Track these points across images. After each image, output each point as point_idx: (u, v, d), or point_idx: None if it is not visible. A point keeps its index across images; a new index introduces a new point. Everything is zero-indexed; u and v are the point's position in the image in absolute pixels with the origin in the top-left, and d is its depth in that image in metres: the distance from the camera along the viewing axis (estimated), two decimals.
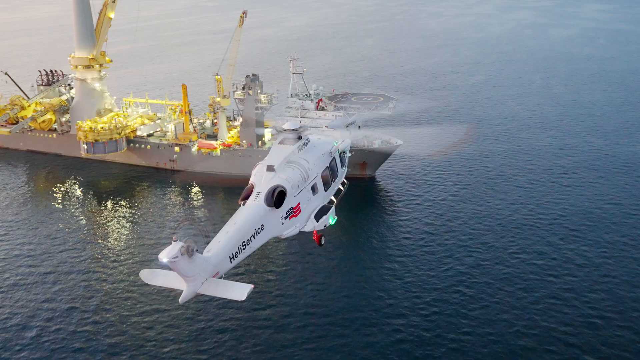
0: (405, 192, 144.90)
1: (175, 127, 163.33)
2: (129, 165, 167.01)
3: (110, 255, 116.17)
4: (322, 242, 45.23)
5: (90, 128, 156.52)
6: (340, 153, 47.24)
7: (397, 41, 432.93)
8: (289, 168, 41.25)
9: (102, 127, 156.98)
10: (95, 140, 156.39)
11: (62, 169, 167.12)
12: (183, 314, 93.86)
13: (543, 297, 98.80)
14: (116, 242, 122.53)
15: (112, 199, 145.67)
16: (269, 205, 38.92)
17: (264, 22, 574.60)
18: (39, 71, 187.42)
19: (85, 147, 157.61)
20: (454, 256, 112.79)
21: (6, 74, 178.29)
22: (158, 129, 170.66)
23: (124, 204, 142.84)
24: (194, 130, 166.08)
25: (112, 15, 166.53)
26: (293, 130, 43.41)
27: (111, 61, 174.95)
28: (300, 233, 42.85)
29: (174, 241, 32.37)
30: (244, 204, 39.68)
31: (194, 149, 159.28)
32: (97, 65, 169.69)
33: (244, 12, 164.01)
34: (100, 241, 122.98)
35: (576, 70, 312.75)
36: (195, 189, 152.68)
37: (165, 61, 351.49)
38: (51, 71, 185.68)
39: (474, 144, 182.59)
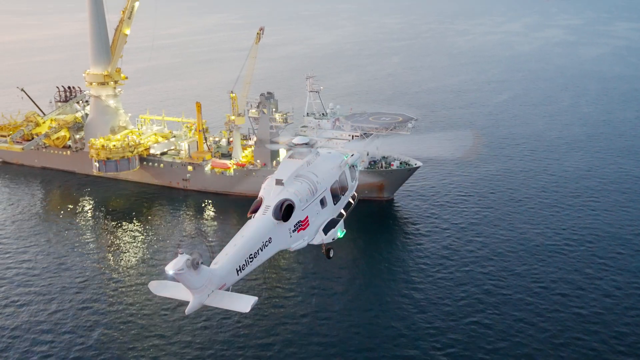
0: (425, 215, 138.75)
1: (188, 146, 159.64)
2: (141, 184, 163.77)
3: (120, 274, 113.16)
4: (331, 255, 45.30)
5: (102, 146, 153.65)
6: (351, 167, 47.74)
7: (423, 59, 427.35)
8: (297, 182, 41.97)
9: (114, 145, 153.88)
10: (107, 159, 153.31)
11: (74, 186, 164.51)
12: (192, 342, 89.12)
13: (567, 331, 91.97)
14: (125, 263, 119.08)
15: (122, 219, 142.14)
16: (277, 218, 39.55)
17: (289, 40, 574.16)
18: (57, 87, 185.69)
19: (97, 165, 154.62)
20: (474, 284, 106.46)
21: (22, 90, 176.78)
22: (172, 147, 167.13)
23: (135, 223, 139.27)
24: (208, 149, 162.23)
25: (127, 31, 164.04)
26: (302, 144, 44.61)
27: (126, 78, 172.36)
28: (309, 246, 43.24)
29: (180, 254, 33.09)
30: (252, 217, 40.48)
31: (207, 168, 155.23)
32: (112, 82, 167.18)
33: (260, 29, 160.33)
34: (109, 261, 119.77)
35: (606, 89, 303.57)
36: (208, 209, 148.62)
37: (187, 78, 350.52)
38: (69, 87, 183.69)
39: (498, 164, 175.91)
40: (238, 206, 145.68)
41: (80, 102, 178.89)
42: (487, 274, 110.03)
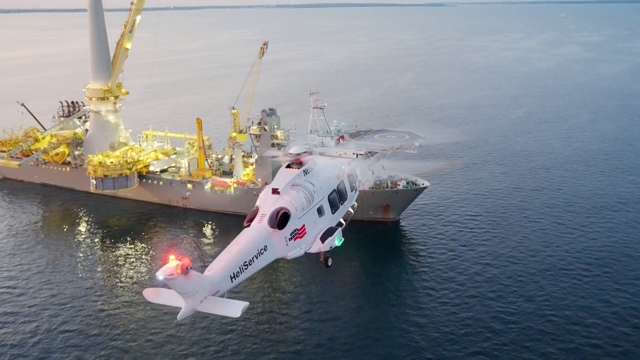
0: (432, 238, 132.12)
1: (188, 163, 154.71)
2: (141, 202, 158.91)
3: (115, 295, 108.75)
4: (329, 264, 45.36)
5: (100, 162, 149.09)
6: (350, 177, 48.05)
7: (437, 75, 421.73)
8: (293, 191, 42.32)
9: (111, 162, 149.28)
10: (105, 176, 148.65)
11: (73, 204, 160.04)
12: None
13: None
14: (121, 284, 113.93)
15: (120, 238, 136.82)
16: (272, 226, 40.01)
17: (303, 55, 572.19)
18: (60, 102, 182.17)
19: (94, 182, 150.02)
20: (482, 310, 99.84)
21: (22, 104, 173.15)
22: (173, 165, 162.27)
23: (132, 243, 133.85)
24: (210, 166, 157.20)
25: (128, 45, 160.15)
26: (300, 154, 45.05)
27: (127, 93, 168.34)
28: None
29: (171, 259, 33.50)
30: (248, 226, 40.92)
31: (207, 186, 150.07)
32: (112, 97, 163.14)
33: (264, 43, 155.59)
34: (105, 282, 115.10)
35: (625, 106, 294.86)
36: (208, 229, 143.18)
37: (197, 93, 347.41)
38: (72, 102, 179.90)
39: (510, 182, 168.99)
40: (239, 226, 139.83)
41: (81, 117, 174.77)
42: (496, 300, 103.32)
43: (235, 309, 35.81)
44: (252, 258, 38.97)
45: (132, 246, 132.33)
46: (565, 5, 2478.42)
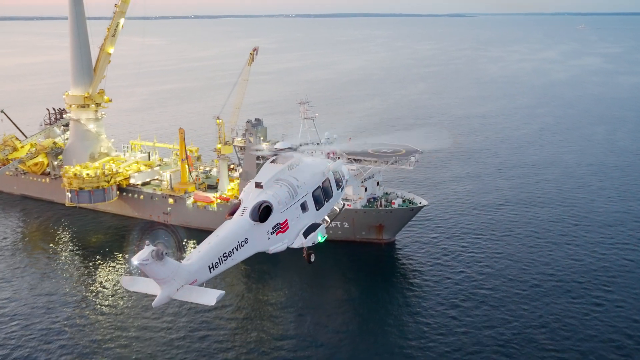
0: (430, 262, 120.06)
1: (170, 176, 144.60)
2: (121, 217, 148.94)
3: (91, 318, 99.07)
4: (312, 260, 45.56)
5: (75, 174, 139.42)
6: (337, 175, 48.21)
7: (450, 85, 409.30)
8: (276, 185, 42.49)
9: (87, 174, 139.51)
10: (80, 188, 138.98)
11: (50, 217, 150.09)
12: None
13: None
14: (96, 308, 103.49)
15: (96, 256, 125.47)
16: (254, 219, 39.90)
17: (316, 64, 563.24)
18: (47, 109, 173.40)
19: (69, 195, 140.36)
20: (484, 346, 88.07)
21: (2, 111, 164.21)
22: (156, 177, 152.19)
23: (110, 262, 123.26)
24: (195, 180, 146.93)
25: (111, 50, 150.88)
26: (284, 149, 45.12)
27: (110, 100, 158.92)
28: (290, 250, 43.07)
29: (146, 245, 33.81)
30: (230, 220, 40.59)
31: (189, 201, 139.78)
32: (93, 105, 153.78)
33: (254, 49, 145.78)
34: (79, 307, 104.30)
35: None
36: (189, 247, 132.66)
37: (201, 101, 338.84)
38: (61, 110, 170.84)
39: (517, 202, 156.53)
40: None
41: (62, 126, 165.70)
42: (498, 339, 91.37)
43: (210, 297, 35.58)
44: (232, 250, 38.82)
45: (111, 266, 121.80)
46: (584, 16, 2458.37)
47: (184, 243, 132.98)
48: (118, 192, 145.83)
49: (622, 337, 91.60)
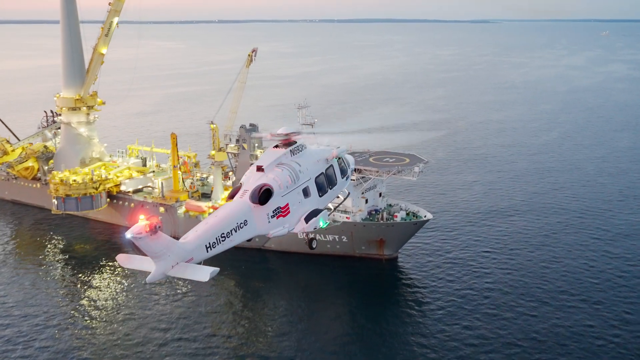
0: (434, 280, 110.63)
1: (162, 184, 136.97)
2: (111, 225, 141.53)
3: (81, 339, 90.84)
4: (314, 246, 46.21)
5: (62, 180, 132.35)
6: (342, 164, 48.25)
7: (469, 91, 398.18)
8: (278, 169, 42.40)
9: (74, 180, 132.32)
10: (67, 195, 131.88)
11: (39, 224, 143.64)
12: None
13: None
14: (85, 325, 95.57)
15: (84, 268, 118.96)
16: (254, 202, 39.91)
17: (334, 69, 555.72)
18: (45, 112, 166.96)
19: (56, 202, 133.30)
20: None
21: None
22: (148, 184, 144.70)
23: (96, 274, 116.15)
24: (190, 187, 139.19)
25: (104, 50, 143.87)
26: (287, 134, 44.35)
27: (103, 103, 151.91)
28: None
29: (141, 219, 33.35)
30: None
31: (181, 211, 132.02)
32: (85, 108, 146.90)
33: (253, 51, 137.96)
34: (66, 322, 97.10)
35: None
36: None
37: (209, 105, 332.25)
38: (57, 113, 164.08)
39: (531, 215, 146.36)
40: (215, 259, 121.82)
41: (53, 129, 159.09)
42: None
43: (204, 273, 35.52)
44: (231, 231, 38.56)
45: (98, 279, 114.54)
46: (608, 23, 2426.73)
47: None
48: (108, 200, 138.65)
49: None
